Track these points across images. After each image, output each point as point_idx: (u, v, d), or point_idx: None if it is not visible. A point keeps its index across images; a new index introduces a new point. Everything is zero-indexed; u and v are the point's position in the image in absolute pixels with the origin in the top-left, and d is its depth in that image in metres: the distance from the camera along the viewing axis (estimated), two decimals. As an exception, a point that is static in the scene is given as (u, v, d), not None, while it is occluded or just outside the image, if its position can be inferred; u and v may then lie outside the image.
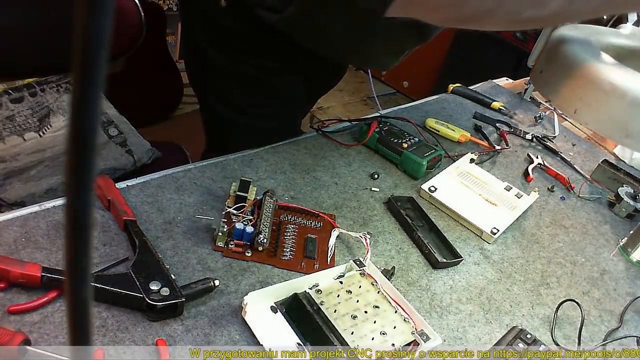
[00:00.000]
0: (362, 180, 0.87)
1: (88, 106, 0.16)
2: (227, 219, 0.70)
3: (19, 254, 0.58)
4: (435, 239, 0.78)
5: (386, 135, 0.94)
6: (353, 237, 0.73)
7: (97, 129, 0.16)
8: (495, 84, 1.39)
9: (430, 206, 0.86)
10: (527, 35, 2.46)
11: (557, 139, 1.17)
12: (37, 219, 0.63)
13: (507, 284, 0.75)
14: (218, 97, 0.97)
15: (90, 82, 0.15)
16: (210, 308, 0.58)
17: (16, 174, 1.32)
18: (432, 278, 0.72)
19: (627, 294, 0.79)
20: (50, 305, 0.53)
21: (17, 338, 0.47)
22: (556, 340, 0.67)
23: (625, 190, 0.99)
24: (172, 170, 0.77)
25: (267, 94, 0.96)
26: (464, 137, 1.06)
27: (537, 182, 1.01)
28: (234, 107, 0.97)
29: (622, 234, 0.92)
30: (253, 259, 0.66)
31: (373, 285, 0.64)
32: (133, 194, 0.71)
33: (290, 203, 0.77)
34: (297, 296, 0.60)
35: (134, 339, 0.53)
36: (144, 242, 0.60)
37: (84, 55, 0.15)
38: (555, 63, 0.79)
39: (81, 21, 0.15)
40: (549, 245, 0.85)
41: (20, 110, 1.33)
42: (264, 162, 0.85)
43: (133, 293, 0.54)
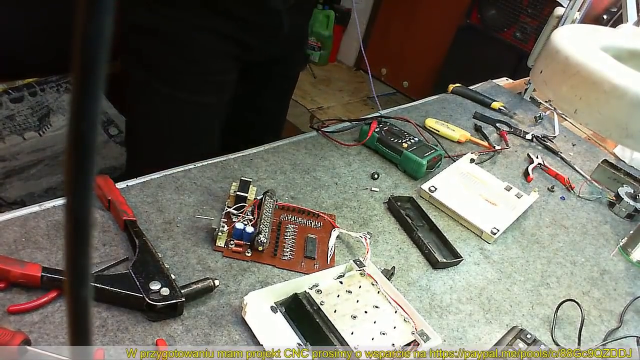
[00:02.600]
0: (362, 180, 0.87)
1: (88, 106, 0.16)
2: (227, 219, 0.70)
3: (19, 254, 0.58)
4: (435, 239, 0.78)
5: (386, 135, 0.94)
6: (353, 237, 0.73)
7: (97, 129, 0.16)
8: (495, 84, 1.39)
9: (430, 206, 0.86)
10: (527, 35, 2.46)
11: (557, 139, 1.17)
12: (37, 219, 0.63)
13: (507, 284, 0.75)
14: (137, 60, 0.90)
15: (90, 82, 0.15)
16: (210, 308, 0.58)
17: (16, 173, 1.33)
18: (432, 278, 0.72)
19: (627, 294, 0.79)
20: (50, 305, 0.53)
21: (17, 338, 0.47)
22: (556, 340, 0.67)
23: (625, 190, 0.99)
24: (172, 170, 0.77)
25: (186, 57, 0.87)
26: (464, 137, 1.06)
27: (537, 182, 1.01)
28: (153, 71, 0.89)
29: (622, 234, 0.92)
30: (253, 259, 0.66)
31: (373, 285, 0.64)
32: (133, 194, 0.71)
33: (290, 203, 0.77)
34: (297, 296, 0.59)
35: (134, 339, 0.53)
36: (144, 242, 0.60)
37: (84, 55, 0.15)
38: (555, 63, 0.79)
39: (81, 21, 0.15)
40: (549, 245, 0.85)
41: (20, 110, 1.34)
42: (264, 162, 0.84)
43: (133, 293, 0.54)
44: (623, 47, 0.87)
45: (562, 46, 0.79)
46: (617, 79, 0.71)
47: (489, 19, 2.58)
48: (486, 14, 2.59)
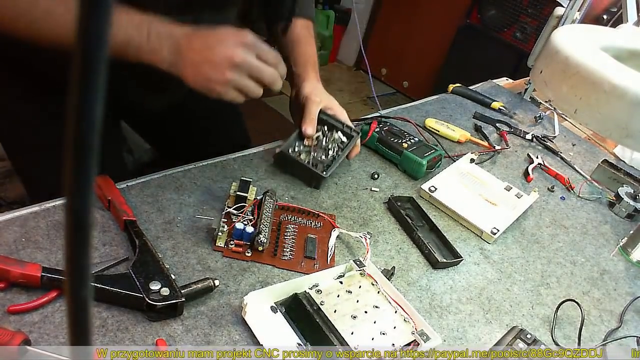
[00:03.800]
0: (362, 180, 0.87)
1: (88, 106, 0.16)
2: (227, 219, 0.70)
3: (19, 254, 0.58)
4: (435, 239, 0.78)
5: (386, 135, 0.94)
6: (353, 237, 0.73)
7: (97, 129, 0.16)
8: (495, 84, 1.39)
9: (430, 206, 0.86)
10: (527, 35, 2.46)
11: (557, 139, 1.17)
12: (37, 219, 0.63)
13: (507, 284, 0.75)
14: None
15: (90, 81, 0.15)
16: (210, 308, 0.58)
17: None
18: (432, 278, 0.72)
19: (627, 294, 0.79)
20: (50, 305, 0.53)
21: (17, 338, 0.47)
22: (556, 340, 0.67)
23: (625, 190, 0.99)
24: (172, 170, 0.77)
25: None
26: (464, 137, 1.06)
27: (537, 182, 1.01)
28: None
29: (622, 234, 0.92)
30: (253, 259, 0.66)
31: (373, 286, 0.64)
32: (133, 194, 0.71)
33: (290, 203, 0.77)
34: (297, 296, 0.59)
35: (134, 339, 0.53)
36: (144, 242, 0.60)
37: (84, 55, 0.15)
38: (555, 63, 0.79)
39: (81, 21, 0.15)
40: (549, 245, 0.85)
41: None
42: (264, 162, 0.84)
43: (133, 293, 0.54)
44: (623, 47, 0.87)
45: (562, 46, 0.79)
46: (617, 79, 0.71)
47: (489, 19, 2.58)
48: (486, 14, 2.59)
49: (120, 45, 0.63)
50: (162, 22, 0.65)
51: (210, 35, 0.65)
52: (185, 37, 0.65)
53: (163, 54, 0.64)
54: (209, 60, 0.64)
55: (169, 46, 0.64)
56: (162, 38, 0.64)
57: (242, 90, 0.67)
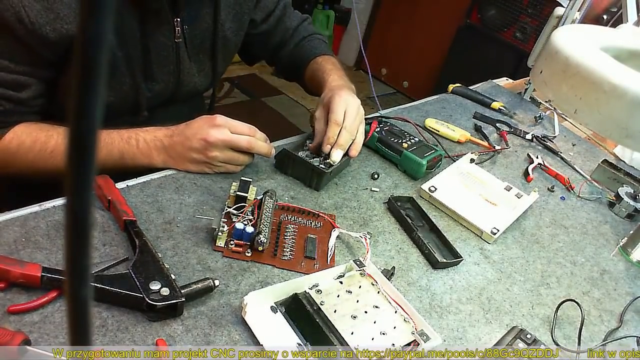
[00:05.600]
0: (362, 180, 0.87)
1: (88, 106, 0.16)
2: (227, 219, 0.70)
3: (19, 254, 0.58)
4: (435, 239, 0.78)
5: (386, 135, 0.94)
6: (353, 237, 0.73)
7: (97, 129, 0.16)
8: (495, 84, 1.39)
9: (430, 206, 0.86)
10: (527, 35, 2.46)
11: (557, 139, 1.17)
12: (37, 219, 0.63)
13: (507, 284, 0.75)
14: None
15: (90, 81, 0.15)
16: (210, 308, 0.58)
17: (16, 174, 1.32)
18: (432, 278, 0.72)
19: (627, 294, 0.79)
20: (50, 305, 0.53)
21: (17, 338, 0.47)
22: (556, 340, 0.67)
23: (625, 190, 0.99)
24: (172, 170, 0.77)
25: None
26: (464, 137, 1.06)
27: (537, 182, 1.01)
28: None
29: (622, 234, 0.92)
30: (253, 259, 0.66)
31: (373, 286, 0.64)
32: (133, 194, 0.71)
33: (290, 203, 0.77)
34: (297, 296, 0.59)
35: (134, 339, 0.53)
36: (144, 242, 0.60)
37: (84, 55, 0.15)
38: (555, 63, 0.79)
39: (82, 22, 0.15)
40: (549, 245, 0.85)
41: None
42: (264, 162, 0.84)
43: (133, 293, 0.54)
44: (623, 47, 0.87)
45: (562, 46, 0.79)
46: (617, 79, 0.71)
47: (489, 19, 2.59)
48: (486, 14, 2.59)
49: (118, 160, 0.74)
50: (145, 130, 0.76)
51: (187, 128, 0.75)
52: (166, 136, 0.76)
53: (153, 155, 0.76)
54: (190, 148, 0.75)
55: (156, 148, 0.76)
56: (148, 142, 0.75)
57: (229, 162, 0.77)
